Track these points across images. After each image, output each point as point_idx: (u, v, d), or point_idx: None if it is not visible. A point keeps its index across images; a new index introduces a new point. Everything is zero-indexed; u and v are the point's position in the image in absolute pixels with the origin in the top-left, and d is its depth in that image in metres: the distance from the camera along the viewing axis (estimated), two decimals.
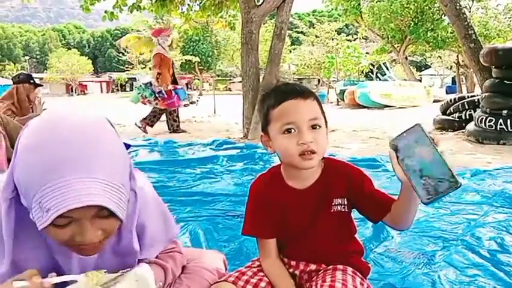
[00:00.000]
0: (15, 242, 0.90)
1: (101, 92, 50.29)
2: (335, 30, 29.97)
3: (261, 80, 6.08)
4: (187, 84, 42.72)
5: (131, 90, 48.24)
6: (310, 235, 1.21)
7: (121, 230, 1.02)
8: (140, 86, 7.11)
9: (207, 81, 41.71)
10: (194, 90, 39.15)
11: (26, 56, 52.95)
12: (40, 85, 4.85)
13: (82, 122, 0.84)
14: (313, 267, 1.23)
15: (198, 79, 39.14)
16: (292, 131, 1.11)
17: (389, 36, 19.60)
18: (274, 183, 1.23)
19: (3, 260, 0.90)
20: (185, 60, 36.62)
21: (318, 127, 1.12)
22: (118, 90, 51.33)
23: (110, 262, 1.05)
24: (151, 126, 7.16)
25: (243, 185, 3.24)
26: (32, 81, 4.66)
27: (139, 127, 7.02)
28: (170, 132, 7.17)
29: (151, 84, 6.89)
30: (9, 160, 3.22)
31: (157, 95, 6.86)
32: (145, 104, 7.17)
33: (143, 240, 1.09)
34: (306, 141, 1.10)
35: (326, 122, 1.16)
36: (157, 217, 1.14)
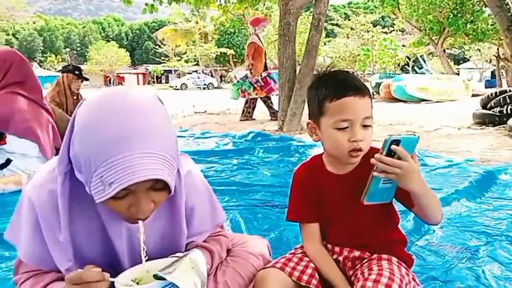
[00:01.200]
0: (69, 214, 0.96)
1: (138, 83, 51.45)
2: (371, 23, 29.32)
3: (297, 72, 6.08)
4: (220, 77, 42.99)
5: (166, 82, 49.07)
6: (352, 220, 1.23)
7: (171, 210, 1.07)
8: (238, 81, 7.58)
9: None
10: (228, 83, 39.38)
11: (67, 48, 54.88)
12: (86, 78, 5.02)
13: (138, 99, 0.89)
14: (357, 253, 1.25)
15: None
16: (345, 127, 1.13)
17: (427, 29, 18.99)
18: (315, 169, 1.28)
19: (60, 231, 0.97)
20: (220, 52, 36.87)
21: (368, 126, 1.14)
22: (153, 82, 52.36)
23: (157, 242, 1.10)
24: (251, 117, 7.79)
25: (279, 176, 3.28)
26: (76, 72, 4.86)
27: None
28: (271, 119, 7.50)
29: (247, 77, 7.37)
30: (57, 150, 3.39)
31: (255, 85, 7.32)
32: (245, 97, 7.68)
33: (191, 223, 1.13)
34: (357, 139, 1.12)
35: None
36: (205, 201, 1.18)
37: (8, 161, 2.94)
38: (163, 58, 43.77)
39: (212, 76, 39.55)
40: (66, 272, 0.98)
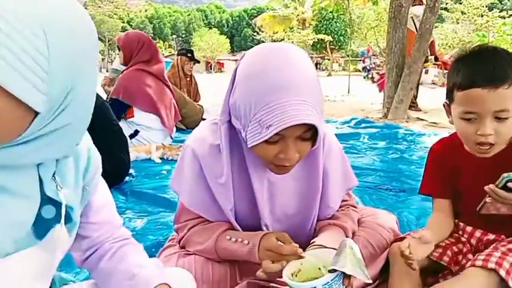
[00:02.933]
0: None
1: None
2: (486, 6, 26.51)
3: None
4: (316, 64, 42.53)
5: None
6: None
7: (309, 170, 1.12)
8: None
9: (337, 62, 40.92)
10: (323, 70, 38.82)
11: (174, 35, 58.65)
12: (197, 61, 5.32)
13: (296, 53, 0.96)
14: (491, 236, 1.21)
15: (328, 59, 38.63)
16: (473, 119, 1.07)
17: None
18: (453, 147, 1.25)
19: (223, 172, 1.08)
20: (318, 39, 36.41)
21: (504, 118, 1.04)
22: None
23: (295, 201, 1.16)
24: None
25: (388, 162, 3.18)
26: (189, 54, 5.18)
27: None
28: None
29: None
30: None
31: None
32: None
33: (325, 184, 1.17)
34: (484, 134, 1.06)
35: None
36: (339, 164, 1.22)
37: (136, 132, 3.27)
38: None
39: None
40: (229, 213, 1.10)
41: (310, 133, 0.96)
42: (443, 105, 1.21)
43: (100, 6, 30.87)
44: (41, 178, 0.66)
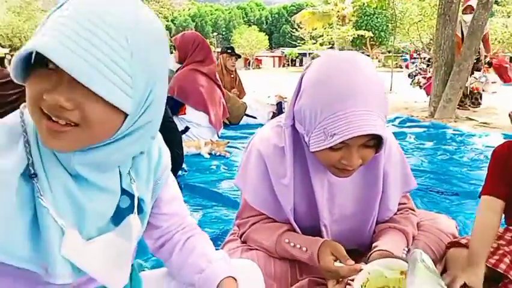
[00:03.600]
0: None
1: (274, 66, 53.12)
2: None
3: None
4: None
5: (300, 65, 49.62)
6: None
7: (369, 173, 1.14)
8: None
9: (376, 58, 39.94)
10: None
11: (214, 33, 59.34)
12: (238, 55, 5.40)
13: (364, 63, 0.97)
14: None
15: (368, 55, 37.80)
16: None
17: None
18: None
19: (286, 174, 1.12)
20: (358, 35, 35.69)
21: None
22: (288, 65, 53.43)
23: (354, 204, 1.17)
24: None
25: (437, 164, 3.12)
26: (229, 50, 5.26)
27: None
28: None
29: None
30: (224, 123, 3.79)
31: None
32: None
33: (385, 188, 1.18)
34: None
35: None
36: (398, 167, 1.22)
37: (187, 129, 3.39)
38: (298, 41, 44.23)
39: None
40: (289, 213, 1.13)
41: (374, 141, 0.97)
42: (509, 114, 1.20)
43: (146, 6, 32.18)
44: (120, 173, 0.75)
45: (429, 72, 7.43)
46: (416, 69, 8.44)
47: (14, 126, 0.68)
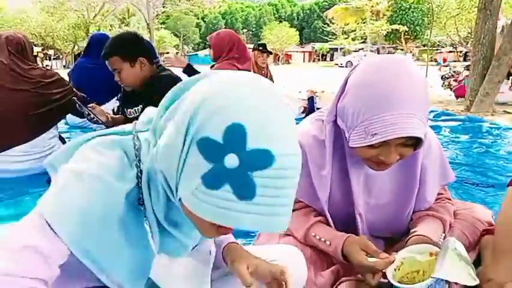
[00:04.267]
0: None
1: (304, 61, 52.75)
2: None
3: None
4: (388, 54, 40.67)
5: (331, 60, 49.04)
6: None
7: (407, 167, 1.16)
8: None
9: (410, 52, 38.96)
10: None
11: (244, 29, 59.54)
12: (269, 52, 5.44)
13: (407, 65, 1.00)
14: None
15: (402, 49, 36.91)
16: None
17: None
18: None
19: (325, 165, 1.15)
20: (392, 29, 34.98)
21: None
22: (318, 60, 52.92)
23: (390, 196, 1.20)
24: None
25: (473, 157, 3.10)
26: (260, 47, 5.31)
27: None
28: None
29: None
30: None
31: None
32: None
33: (423, 181, 1.20)
34: None
35: None
36: (437, 161, 1.23)
37: None
38: (330, 36, 43.73)
39: (378, 53, 37.83)
40: (325, 205, 1.18)
41: (412, 141, 1.01)
42: None
43: (177, 4, 32.41)
44: None
45: (462, 75, 7.30)
46: (449, 72, 8.31)
47: (128, 149, 0.71)
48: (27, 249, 0.60)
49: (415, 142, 1.02)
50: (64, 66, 28.77)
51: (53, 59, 32.49)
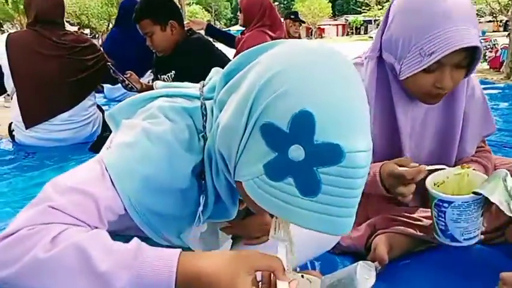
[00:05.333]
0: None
1: (337, 35, 51.46)
2: None
3: None
4: None
5: (365, 33, 47.58)
6: None
7: (450, 107, 1.15)
8: None
9: None
10: None
11: (276, 2, 58.52)
12: (302, 21, 5.34)
13: None
14: None
15: None
16: None
17: None
18: None
19: None
20: None
21: None
22: (352, 33, 51.46)
23: (432, 136, 1.18)
24: None
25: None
26: (292, 17, 5.21)
27: None
28: None
29: None
30: None
31: None
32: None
33: (465, 127, 1.19)
34: None
35: None
36: (480, 110, 1.22)
37: None
38: (363, 8, 42.28)
39: None
40: None
41: (466, 61, 1.01)
42: None
43: None
44: None
45: (499, 50, 6.99)
46: (488, 44, 8.01)
47: (197, 118, 0.68)
48: (86, 195, 0.58)
49: (469, 62, 1.02)
50: (101, 45, 29.21)
51: (90, 38, 33.05)
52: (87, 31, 32.83)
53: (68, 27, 4.02)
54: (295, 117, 0.51)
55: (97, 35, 34.30)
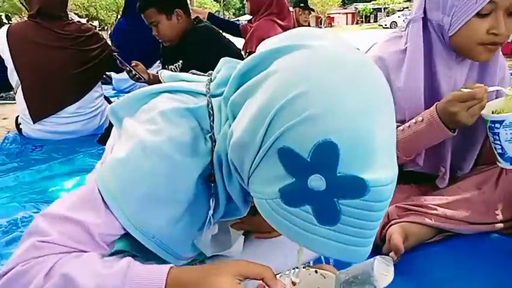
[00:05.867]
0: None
1: (347, 24, 50.88)
2: None
3: None
4: None
5: (375, 21, 46.98)
6: None
7: (485, 73, 1.15)
8: None
9: None
10: None
11: None
12: (311, 9, 5.26)
13: None
14: None
15: None
16: None
17: None
18: None
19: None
20: None
21: None
22: (362, 21, 50.84)
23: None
24: None
25: None
26: (302, 5, 5.12)
27: None
28: None
29: None
30: None
31: None
32: None
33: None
34: None
35: None
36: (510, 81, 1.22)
37: None
38: None
39: None
40: None
41: None
42: None
43: None
44: None
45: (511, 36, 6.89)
46: None
47: (203, 119, 0.64)
48: (77, 224, 0.57)
49: None
50: (110, 37, 29.29)
51: (99, 30, 33.17)
52: (96, 23, 32.92)
53: (76, 19, 3.98)
54: (318, 146, 0.47)
55: (105, 27, 34.35)
